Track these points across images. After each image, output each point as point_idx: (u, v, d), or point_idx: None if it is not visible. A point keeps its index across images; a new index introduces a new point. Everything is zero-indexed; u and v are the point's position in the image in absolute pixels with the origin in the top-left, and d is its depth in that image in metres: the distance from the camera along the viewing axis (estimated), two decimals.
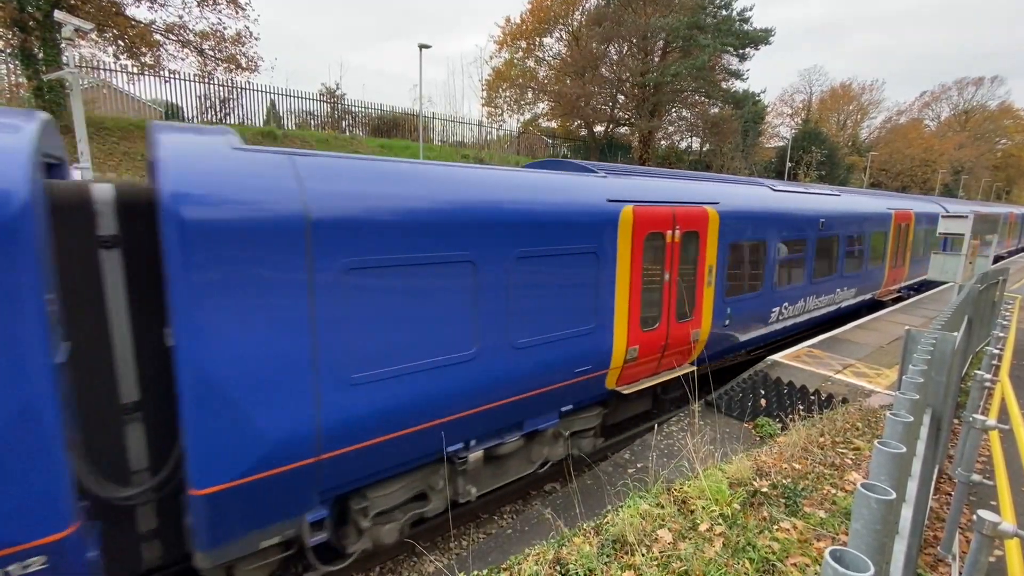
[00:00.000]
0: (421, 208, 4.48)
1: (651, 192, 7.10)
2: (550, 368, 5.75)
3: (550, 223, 5.50)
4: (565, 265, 5.74)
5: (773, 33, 34.26)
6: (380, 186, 4.35)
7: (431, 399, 4.72)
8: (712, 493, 4.36)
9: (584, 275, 6.00)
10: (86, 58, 19.29)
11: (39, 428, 2.95)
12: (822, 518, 4.17)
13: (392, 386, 4.41)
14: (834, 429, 6.21)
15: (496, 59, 38.42)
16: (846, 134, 66.27)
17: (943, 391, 2.77)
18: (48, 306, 2.95)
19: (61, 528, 3.08)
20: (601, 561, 3.58)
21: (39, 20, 15.46)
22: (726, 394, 8.26)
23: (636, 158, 35.96)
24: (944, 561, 4.14)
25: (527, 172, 6.03)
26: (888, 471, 1.05)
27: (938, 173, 59.68)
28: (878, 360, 9.71)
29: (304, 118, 26.69)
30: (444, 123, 32.03)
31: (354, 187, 4.19)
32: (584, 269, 5.98)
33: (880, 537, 0.87)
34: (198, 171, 3.50)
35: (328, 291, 3.94)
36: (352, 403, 4.18)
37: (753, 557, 3.60)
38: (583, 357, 6.15)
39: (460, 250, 4.72)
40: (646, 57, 34.40)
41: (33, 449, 2.94)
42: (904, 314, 13.98)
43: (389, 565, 5.56)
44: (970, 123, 73.68)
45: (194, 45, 19.80)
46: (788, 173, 42.60)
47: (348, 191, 4.12)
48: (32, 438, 2.93)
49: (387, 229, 4.23)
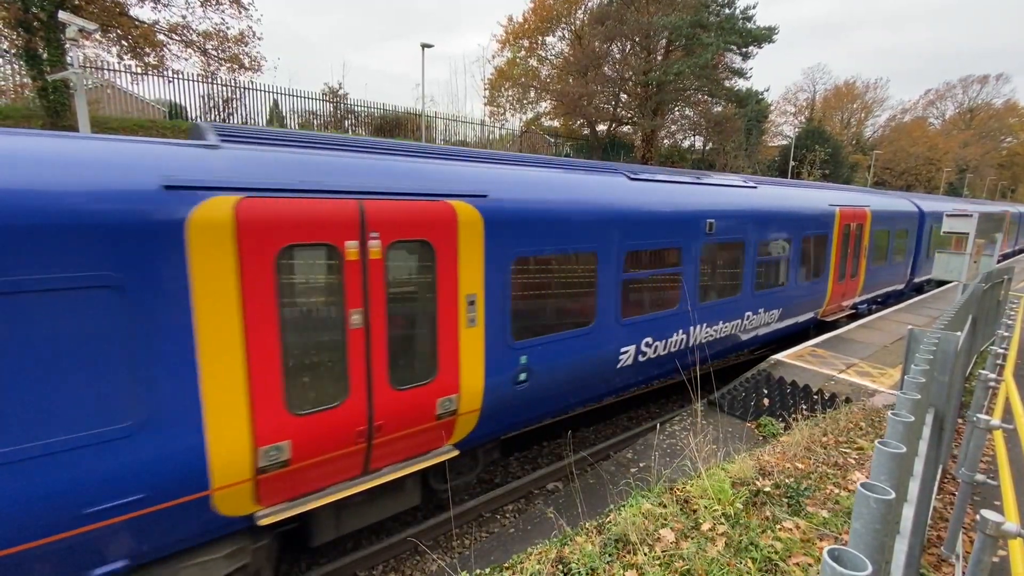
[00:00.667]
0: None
1: (284, 172, 4.16)
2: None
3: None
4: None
5: (776, 31, 34.13)
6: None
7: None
8: (714, 492, 4.35)
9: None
10: (90, 58, 19.38)
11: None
12: (825, 518, 4.17)
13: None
14: (837, 429, 6.20)
15: (499, 58, 38.49)
16: (850, 132, 66.07)
17: (946, 391, 2.76)
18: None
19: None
20: (603, 560, 3.58)
21: (43, 21, 15.53)
22: (729, 393, 8.25)
23: (639, 157, 35.91)
24: (948, 561, 4.13)
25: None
26: (888, 471, 1.05)
27: (943, 172, 59.41)
28: (882, 359, 9.68)
29: (307, 117, 26.73)
30: (446, 122, 32.05)
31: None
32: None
33: (880, 536, 0.87)
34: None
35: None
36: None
37: (756, 556, 3.60)
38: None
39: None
40: (649, 56, 34.32)
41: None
42: (909, 313, 13.93)
43: (392, 563, 5.58)
44: (975, 121, 73.34)
45: (197, 45, 19.87)
46: (792, 172, 42.49)
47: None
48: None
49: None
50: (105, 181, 3.40)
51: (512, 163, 6.36)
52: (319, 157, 4.56)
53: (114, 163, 3.54)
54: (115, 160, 3.56)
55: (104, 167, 3.47)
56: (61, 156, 3.40)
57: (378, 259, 4.50)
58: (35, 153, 3.31)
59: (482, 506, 6.42)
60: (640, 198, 7.18)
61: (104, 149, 3.64)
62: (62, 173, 3.28)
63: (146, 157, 3.69)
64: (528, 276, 5.83)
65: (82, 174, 3.35)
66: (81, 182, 3.31)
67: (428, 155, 5.57)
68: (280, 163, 4.24)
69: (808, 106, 66.43)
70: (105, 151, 3.62)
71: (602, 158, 33.60)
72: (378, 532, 5.98)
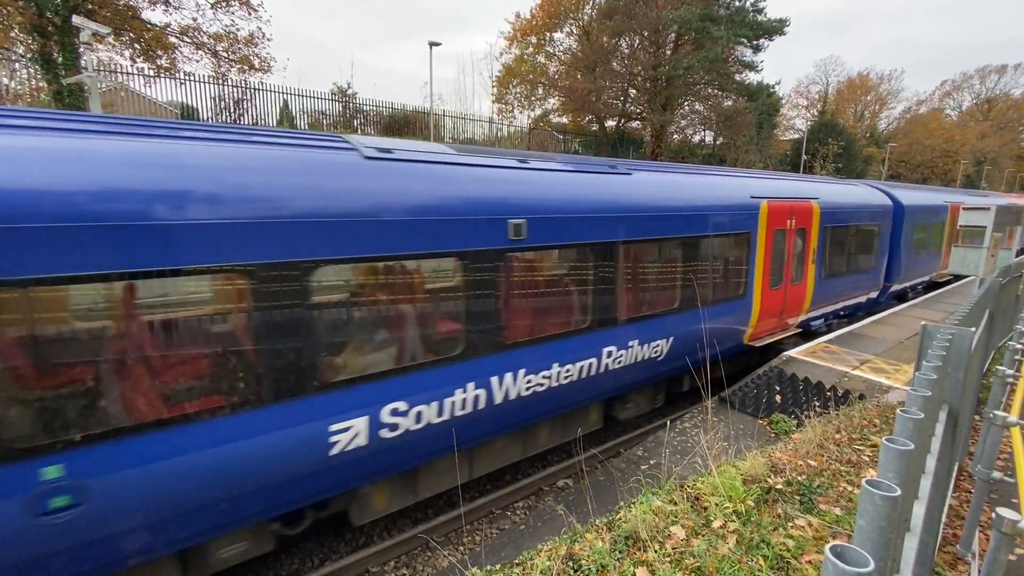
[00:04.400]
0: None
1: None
2: None
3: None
4: None
5: (788, 23, 33.66)
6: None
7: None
8: (726, 490, 4.34)
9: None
10: (104, 62, 19.65)
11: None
12: (838, 515, 4.14)
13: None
14: (851, 426, 6.14)
15: (506, 55, 38.40)
16: (864, 125, 65.03)
17: (961, 387, 2.72)
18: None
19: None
20: (613, 557, 3.59)
21: (58, 25, 15.79)
22: (740, 390, 8.20)
23: (648, 153, 35.68)
24: (963, 560, 4.08)
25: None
26: (896, 468, 1.04)
27: (960, 164, 58.33)
28: (897, 356, 9.55)
29: (316, 117, 26.90)
30: (455, 120, 32.08)
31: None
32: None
33: (885, 534, 0.87)
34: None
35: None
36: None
37: (767, 554, 3.58)
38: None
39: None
40: (658, 50, 34.04)
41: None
42: (924, 309, 13.72)
43: (404, 559, 5.63)
44: (993, 112, 71.83)
45: (208, 47, 20.10)
46: (804, 166, 41.97)
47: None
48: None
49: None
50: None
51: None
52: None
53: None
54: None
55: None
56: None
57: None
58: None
59: (493, 503, 6.45)
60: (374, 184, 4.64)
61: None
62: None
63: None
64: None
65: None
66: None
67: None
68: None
69: (821, 99, 65.47)
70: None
71: (610, 154, 33.46)
72: (389, 528, 6.03)
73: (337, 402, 4.40)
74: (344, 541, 5.83)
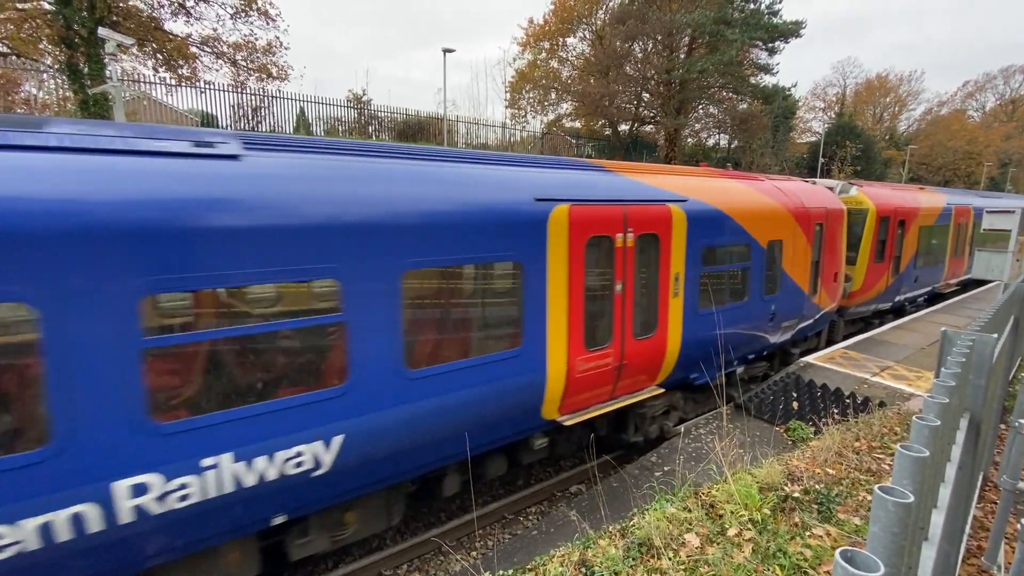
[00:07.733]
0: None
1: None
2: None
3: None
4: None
5: (804, 25, 33.30)
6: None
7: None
8: (741, 497, 4.28)
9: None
10: (128, 72, 20.21)
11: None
12: (857, 525, 4.06)
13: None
14: (870, 433, 6.02)
15: (519, 61, 38.54)
16: (883, 127, 63.88)
17: (983, 394, 2.66)
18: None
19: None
20: (627, 564, 3.56)
21: (84, 37, 16.28)
22: (756, 396, 8.09)
23: (662, 156, 35.51)
24: (988, 572, 3.98)
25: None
26: (911, 475, 1.03)
27: (983, 166, 56.98)
28: (919, 362, 9.35)
29: (332, 124, 27.30)
30: (468, 126, 32.29)
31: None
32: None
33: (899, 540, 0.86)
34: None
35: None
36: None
37: (784, 563, 3.53)
38: None
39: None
40: (671, 54, 33.92)
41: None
42: (946, 314, 13.42)
43: (416, 563, 5.65)
44: (1018, 112, 70.01)
45: (228, 56, 20.54)
46: (821, 169, 41.38)
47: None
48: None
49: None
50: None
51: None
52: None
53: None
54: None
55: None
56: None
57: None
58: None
59: (505, 508, 6.44)
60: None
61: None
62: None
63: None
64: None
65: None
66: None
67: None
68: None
69: (838, 101, 64.49)
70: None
71: (625, 158, 33.35)
72: (403, 532, 6.06)
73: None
74: (357, 544, 5.86)
